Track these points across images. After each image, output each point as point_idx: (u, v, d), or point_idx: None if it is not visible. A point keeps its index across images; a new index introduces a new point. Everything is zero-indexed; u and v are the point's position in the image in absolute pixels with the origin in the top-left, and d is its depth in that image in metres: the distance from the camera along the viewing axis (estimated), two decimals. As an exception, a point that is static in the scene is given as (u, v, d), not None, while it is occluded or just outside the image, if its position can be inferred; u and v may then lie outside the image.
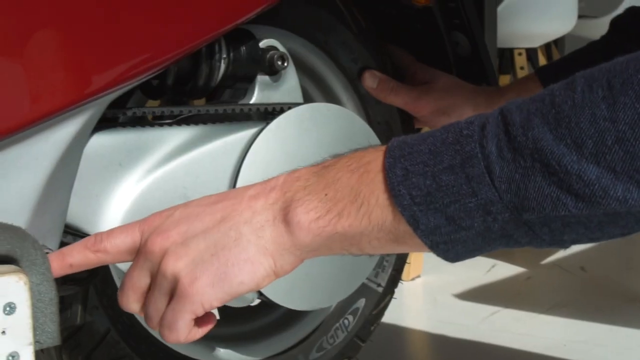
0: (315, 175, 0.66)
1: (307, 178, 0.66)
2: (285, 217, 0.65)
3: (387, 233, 0.62)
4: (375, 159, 0.63)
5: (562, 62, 1.15)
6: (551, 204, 0.56)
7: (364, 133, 1.00)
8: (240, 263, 0.65)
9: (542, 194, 0.56)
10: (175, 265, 0.66)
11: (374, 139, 1.01)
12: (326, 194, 0.64)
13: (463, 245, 0.60)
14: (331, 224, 0.63)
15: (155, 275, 0.67)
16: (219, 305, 0.67)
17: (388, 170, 0.61)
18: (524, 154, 0.56)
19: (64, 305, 0.89)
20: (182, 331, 0.67)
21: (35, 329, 0.64)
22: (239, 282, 0.65)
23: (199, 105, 0.91)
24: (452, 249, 0.61)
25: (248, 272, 0.65)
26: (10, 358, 0.63)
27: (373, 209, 0.62)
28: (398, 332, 1.67)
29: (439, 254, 0.62)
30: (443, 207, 0.59)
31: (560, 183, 0.55)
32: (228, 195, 0.69)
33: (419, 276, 1.99)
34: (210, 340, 1.02)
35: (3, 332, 0.62)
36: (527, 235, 0.59)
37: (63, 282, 0.88)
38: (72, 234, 0.81)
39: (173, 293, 0.67)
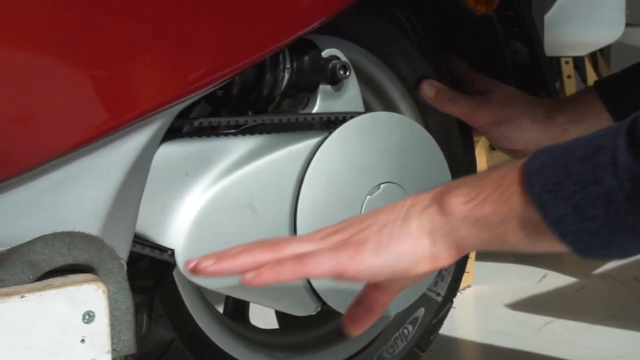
0: (472, 174, 0.73)
1: (466, 176, 0.72)
2: (440, 200, 0.70)
3: (526, 222, 0.65)
4: (523, 160, 0.67)
5: (620, 75, 1.14)
6: None
7: (426, 142, 1.00)
8: (402, 236, 0.70)
9: None
10: (347, 233, 0.72)
11: (435, 147, 1.01)
12: (477, 184, 0.69)
13: (589, 237, 0.62)
14: (477, 207, 0.68)
15: (324, 237, 0.73)
16: (374, 273, 0.70)
17: (527, 162, 0.65)
18: None
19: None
20: (319, 264, 0.70)
21: (112, 337, 0.65)
22: (400, 253, 0.70)
23: (264, 115, 0.91)
24: (579, 240, 0.63)
25: (408, 244, 0.70)
26: (89, 366, 0.63)
27: (512, 196, 0.65)
28: (450, 343, 1.66)
29: (569, 246, 0.64)
30: (570, 195, 0.61)
31: None
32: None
33: (469, 286, 1.98)
34: (270, 349, 1.02)
35: (82, 341, 0.63)
36: None
37: (129, 291, 0.89)
38: (141, 243, 0.82)
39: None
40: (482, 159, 1.98)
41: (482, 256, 2.14)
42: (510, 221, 0.66)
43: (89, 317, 0.63)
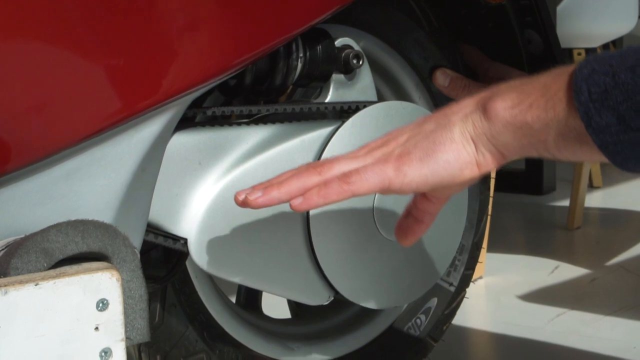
0: (519, 79, 0.71)
1: (511, 81, 0.71)
2: (485, 105, 0.70)
3: (570, 130, 0.65)
4: (574, 65, 0.66)
5: None
6: None
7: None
8: (447, 142, 0.70)
9: None
10: (391, 145, 0.73)
11: (448, 137, 1.00)
12: (523, 89, 0.68)
13: (632, 149, 0.62)
14: (522, 113, 0.67)
15: (369, 152, 0.74)
16: (420, 184, 0.71)
17: (577, 69, 0.64)
18: None
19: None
20: (365, 181, 0.71)
21: (126, 325, 0.65)
22: (445, 160, 0.70)
23: (277, 104, 0.91)
24: (621, 152, 0.62)
25: (453, 151, 0.70)
26: (103, 354, 0.63)
27: (558, 103, 0.65)
28: (462, 333, 1.65)
29: (609, 156, 0.63)
30: (616, 104, 0.61)
31: None
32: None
33: (481, 277, 1.97)
34: (283, 339, 1.02)
35: (96, 328, 0.63)
36: None
37: (143, 280, 0.89)
38: (154, 232, 0.82)
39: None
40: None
41: (494, 247, 2.13)
42: (553, 128, 0.66)
43: (102, 304, 0.63)
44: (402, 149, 0.72)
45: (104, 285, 0.63)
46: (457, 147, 0.70)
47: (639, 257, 2.13)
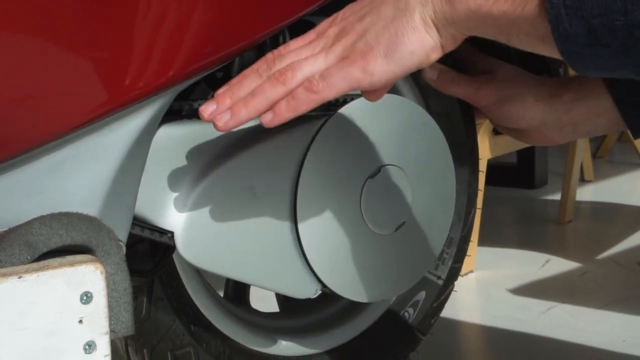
0: None
1: None
2: None
3: (536, 29, 0.63)
4: None
5: None
6: None
7: (427, 124, 0.99)
8: (409, 31, 0.69)
9: None
10: (350, 37, 0.71)
11: (436, 130, 1.00)
12: None
13: (594, 61, 0.61)
14: (488, 4, 0.65)
15: (328, 47, 0.72)
16: (389, 78, 0.70)
17: None
18: None
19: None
20: (332, 87, 0.70)
21: (110, 318, 0.65)
22: (410, 51, 0.69)
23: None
24: (583, 62, 0.61)
25: (417, 40, 0.69)
26: (87, 347, 0.63)
27: (529, 1, 0.63)
28: (453, 327, 1.66)
29: (570, 63, 0.62)
30: (590, 16, 0.59)
31: None
32: None
33: (472, 271, 1.98)
34: (271, 332, 1.02)
35: (80, 321, 0.63)
36: None
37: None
38: (140, 225, 0.82)
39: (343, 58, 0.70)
40: (484, 144, 1.98)
41: (485, 241, 2.14)
42: (518, 25, 0.64)
43: (86, 297, 0.63)
44: (364, 44, 0.70)
45: (87, 278, 0.63)
46: (421, 35, 0.69)
47: (629, 251, 2.14)
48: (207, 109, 0.73)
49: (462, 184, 1.10)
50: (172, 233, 0.83)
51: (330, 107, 0.93)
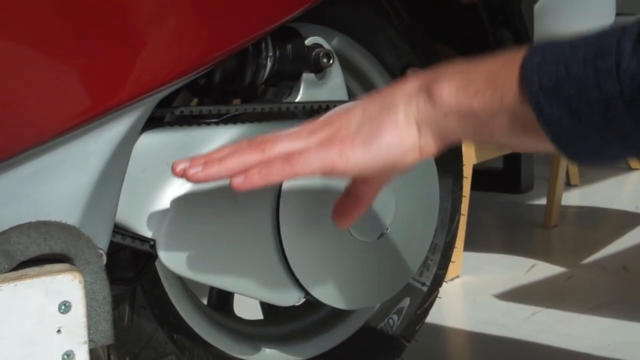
0: (464, 62, 0.70)
1: (456, 64, 0.70)
2: (429, 88, 0.69)
3: (517, 119, 0.64)
4: (521, 52, 0.65)
5: None
6: None
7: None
8: (391, 126, 0.70)
9: None
10: (335, 126, 0.72)
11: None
12: (469, 74, 0.67)
13: (583, 141, 0.61)
14: (467, 99, 0.66)
15: (312, 132, 0.73)
16: (363, 168, 0.70)
17: (527, 58, 0.63)
18: None
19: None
20: (307, 164, 0.70)
21: (89, 327, 0.64)
22: (387, 145, 0.70)
23: (246, 104, 0.90)
24: (572, 144, 0.62)
25: (396, 136, 0.69)
26: (66, 357, 0.63)
27: (506, 92, 0.64)
28: (438, 332, 1.65)
29: (560, 148, 0.63)
30: (567, 97, 0.60)
31: None
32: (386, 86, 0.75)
33: (457, 276, 1.98)
34: (255, 340, 1.02)
35: (58, 331, 0.62)
36: None
37: (110, 282, 0.88)
38: (121, 233, 0.81)
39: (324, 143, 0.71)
40: (470, 149, 1.98)
41: (471, 247, 2.14)
42: (501, 117, 0.65)
43: (65, 307, 0.62)
44: (346, 131, 0.71)
45: (66, 287, 0.63)
46: (401, 131, 0.69)
47: (615, 255, 2.14)
48: (179, 164, 0.73)
49: (446, 191, 1.10)
50: (153, 241, 0.82)
51: (312, 114, 0.93)
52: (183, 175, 0.72)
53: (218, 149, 0.75)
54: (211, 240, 0.85)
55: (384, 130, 0.70)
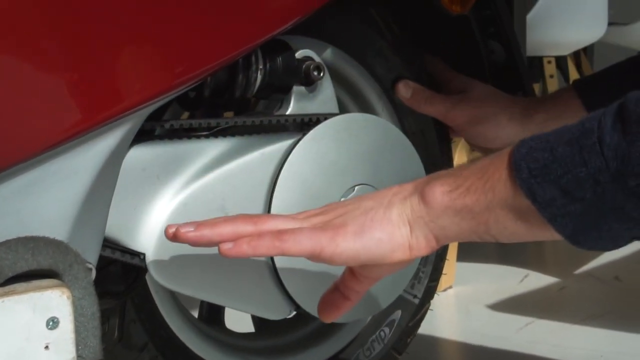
0: (459, 165, 0.74)
1: (452, 168, 0.74)
2: (423, 189, 0.71)
3: (511, 209, 0.66)
4: (510, 148, 0.67)
5: (600, 75, 1.13)
6: None
7: (402, 143, 0.99)
8: (384, 221, 0.71)
9: None
10: (330, 215, 0.74)
11: (410, 149, 1.00)
12: (461, 173, 0.70)
13: (579, 219, 0.63)
14: (460, 196, 0.68)
15: (308, 218, 0.75)
16: (350, 257, 0.72)
17: (514, 150, 0.65)
18: (632, 121, 0.59)
19: (101, 319, 0.89)
20: (297, 243, 0.71)
21: (77, 343, 0.64)
22: (378, 238, 0.71)
23: (236, 116, 0.90)
24: (569, 223, 0.63)
25: (388, 232, 0.71)
26: (54, 373, 0.62)
27: (497, 184, 0.66)
28: (431, 343, 1.65)
29: (558, 230, 0.64)
30: (557, 178, 0.62)
31: None
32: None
33: (450, 287, 1.97)
34: (246, 353, 1.01)
35: (46, 347, 0.62)
36: (638, 208, 0.61)
37: (100, 296, 0.88)
38: (111, 247, 0.81)
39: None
40: (462, 160, 1.98)
41: (464, 257, 2.13)
42: (495, 209, 0.66)
43: (53, 323, 0.62)
44: (340, 220, 0.73)
45: (54, 303, 0.62)
46: (392, 228, 0.71)
47: (608, 265, 2.14)
48: (172, 227, 0.74)
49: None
50: (143, 255, 0.82)
51: (303, 127, 0.93)
52: (174, 237, 0.73)
53: (213, 219, 0.76)
54: (202, 254, 0.85)
55: (377, 224, 0.72)
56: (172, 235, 0.73)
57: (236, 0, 0.81)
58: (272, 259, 0.88)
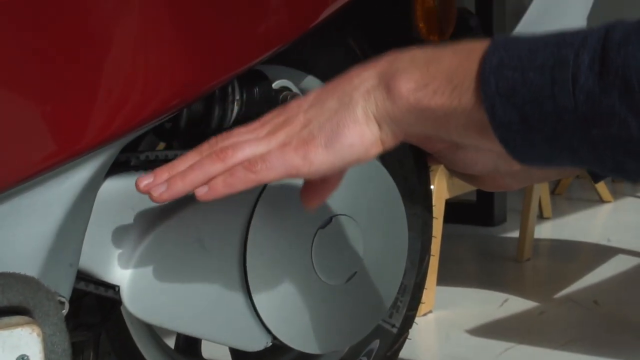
0: (423, 52, 0.69)
1: (415, 53, 0.70)
2: (388, 83, 0.68)
3: (473, 120, 0.64)
4: (480, 47, 0.64)
5: None
6: (617, 124, 0.57)
7: (379, 173, 0.99)
8: (350, 124, 0.70)
9: (613, 111, 0.56)
10: (294, 126, 0.72)
11: (388, 178, 1.00)
12: (428, 70, 0.67)
13: (531, 148, 0.62)
14: (426, 97, 0.66)
15: (271, 134, 0.73)
16: (327, 168, 0.70)
17: (485, 58, 0.63)
18: (611, 69, 0.57)
19: (75, 351, 0.88)
20: (270, 170, 0.70)
21: (48, 381, 0.63)
22: (349, 144, 0.70)
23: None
24: (520, 149, 0.62)
25: (357, 134, 0.69)
26: (24, 412, 0.61)
27: (464, 92, 0.64)
28: (411, 370, 1.65)
29: (508, 150, 0.63)
30: (521, 104, 0.60)
31: (632, 104, 0.56)
32: (344, 74, 0.75)
33: (430, 311, 1.97)
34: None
35: (16, 386, 0.61)
36: (591, 155, 0.60)
37: (75, 328, 0.87)
38: (86, 280, 0.80)
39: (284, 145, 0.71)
40: (442, 184, 1.98)
41: (444, 281, 2.13)
42: (457, 118, 0.65)
43: (23, 361, 0.61)
44: (307, 133, 0.71)
45: (24, 340, 0.61)
46: (361, 129, 0.70)
47: (587, 288, 2.15)
48: (143, 180, 0.72)
49: (415, 231, 1.10)
50: (118, 287, 0.81)
51: (280, 157, 0.92)
52: (148, 194, 0.72)
53: (179, 157, 0.75)
54: (177, 286, 0.84)
55: (345, 129, 0.70)
56: (145, 192, 0.72)
57: (212, 31, 0.80)
58: (248, 291, 0.88)
